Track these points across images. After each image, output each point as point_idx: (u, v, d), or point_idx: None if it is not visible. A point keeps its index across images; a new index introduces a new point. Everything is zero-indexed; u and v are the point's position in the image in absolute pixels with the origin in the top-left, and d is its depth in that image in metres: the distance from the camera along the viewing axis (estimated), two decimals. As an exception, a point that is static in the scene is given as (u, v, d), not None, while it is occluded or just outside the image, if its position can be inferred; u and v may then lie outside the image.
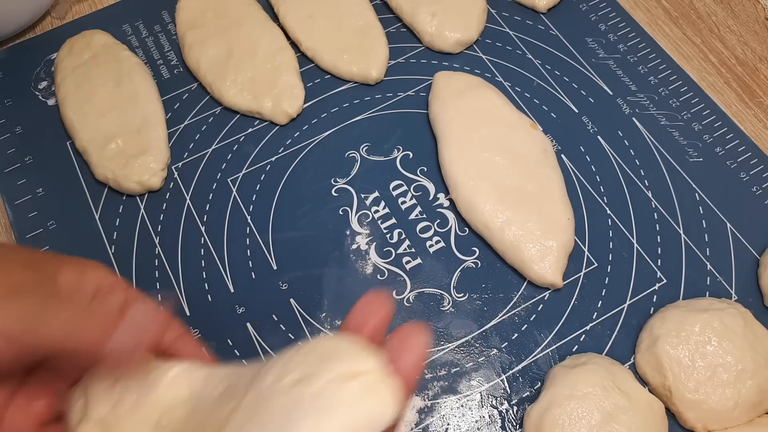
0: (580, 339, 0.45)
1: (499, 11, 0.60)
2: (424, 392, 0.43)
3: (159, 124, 0.53)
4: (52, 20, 0.62)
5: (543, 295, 0.47)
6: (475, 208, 0.48)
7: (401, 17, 0.59)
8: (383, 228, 0.49)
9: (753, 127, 0.53)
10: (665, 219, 0.49)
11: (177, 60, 0.58)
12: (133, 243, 0.50)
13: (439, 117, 0.52)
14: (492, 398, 0.43)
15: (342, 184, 0.52)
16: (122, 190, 0.51)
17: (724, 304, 0.43)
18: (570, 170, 0.51)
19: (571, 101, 0.55)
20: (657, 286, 0.47)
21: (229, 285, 0.48)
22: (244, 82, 0.54)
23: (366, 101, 0.55)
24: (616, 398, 0.40)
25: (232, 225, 0.50)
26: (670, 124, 0.53)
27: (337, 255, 0.48)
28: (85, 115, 0.53)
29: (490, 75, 0.56)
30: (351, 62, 0.55)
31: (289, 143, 0.54)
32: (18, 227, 0.50)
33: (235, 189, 0.52)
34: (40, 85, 0.57)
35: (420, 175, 0.52)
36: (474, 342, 0.45)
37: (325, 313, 0.46)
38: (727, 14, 0.59)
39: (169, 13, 0.61)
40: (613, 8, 0.59)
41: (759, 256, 0.47)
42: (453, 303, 0.46)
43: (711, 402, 0.40)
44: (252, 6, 0.59)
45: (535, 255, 0.46)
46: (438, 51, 0.57)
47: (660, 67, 0.56)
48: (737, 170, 0.51)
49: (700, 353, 0.41)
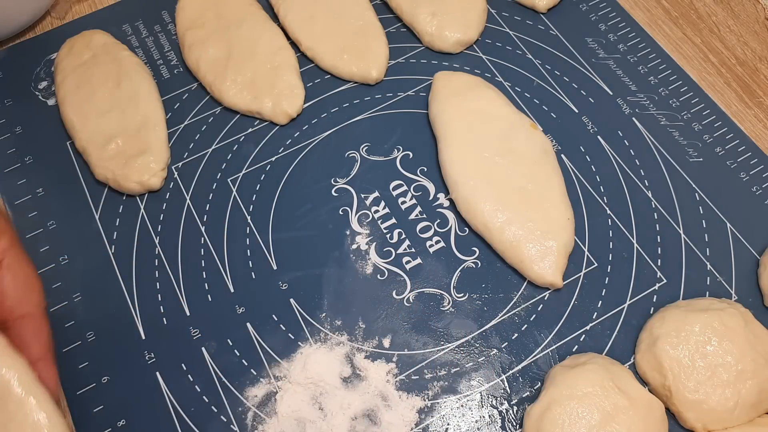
0: (580, 339, 0.45)
1: (499, 11, 0.60)
2: (424, 392, 0.43)
3: (159, 124, 0.53)
4: (52, 20, 0.62)
5: (543, 295, 0.47)
6: (474, 208, 0.48)
7: (401, 17, 0.59)
8: (383, 228, 0.49)
9: (753, 127, 0.53)
10: (665, 219, 0.49)
11: (177, 60, 0.58)
12: (133, 243, 0.50)
13: (438, 117, 0.52)
14: (492, 398, 0.43)
15: (342, 184, 0.52)
16: (122, 190, 0.51)
17: (724, 304, 0.43)
18: (570, 170, 0.51)
19: (571, 101, 0.55)
20: (657, 286, 0.47)
21: (229, 285, 0.48)
22: (244, 82, 0.54)
23: (366, 101, 0.55)
24: (616, 398, 0.40)
25: (232, 225, 0.50)
26: (670, 124, 0.53)
27: (337, 255, 0.48)
28: (85, 115, 0.53)
29: (490, 75, 0.56)
30: (351, 62, 0.55)
31: (289, 143, 0.54)
32: (18, 227, 0.50)
33: (235, 189, 0.52)
34: (40, 85, 0.57)
35: (420, 175, 0.52)
36: (474, 342, 0.45)
37: (325, 313, 0.46)
38: (727, 14, 0.59)
39: (169, 13, 0.61)
40: (613, 8, 0.59)
41: (759, 256, 0.47)
42: (453, 303, 0.46)
43: (711, 402, 0.40)
44: (252, 6, 0.59)
45: (535, 255, 0.46)
46: (438, 51, 0.57)
47: (660, 67, 0.56)
48: (737, 170, 0.51)
49: (700, 353, 0.41)
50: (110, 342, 0.46)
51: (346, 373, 0.44)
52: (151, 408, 0.43)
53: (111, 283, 0.48)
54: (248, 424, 0.43)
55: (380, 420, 0.42)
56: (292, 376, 0.44)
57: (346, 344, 0.45)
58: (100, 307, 0.47)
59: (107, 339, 0.46)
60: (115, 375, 0.45)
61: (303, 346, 0.45)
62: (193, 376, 0.44)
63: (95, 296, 0.47)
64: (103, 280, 0.48)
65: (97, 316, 0.47)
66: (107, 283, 0.48)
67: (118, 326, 0.46)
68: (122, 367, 0.45)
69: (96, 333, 0.46)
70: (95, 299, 0.47)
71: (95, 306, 0.47)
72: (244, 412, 0.43)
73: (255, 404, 0.43)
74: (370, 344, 0.45)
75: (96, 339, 0.46)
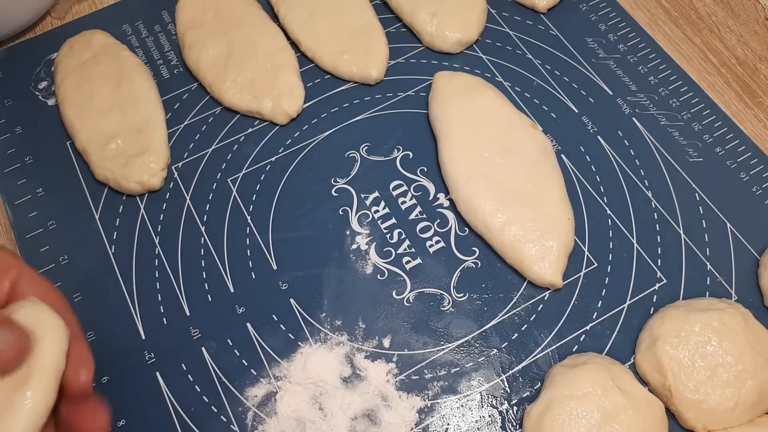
0: (580, 339, 0.45)
1: (499, 11, 0.60)
2: (424, 392, 0.43)
3: (159, 124, 0.53)
4: (52, 20, 0.62)
5: (543, 295, 0.47)
6: (474, 208, 0.48)
7: (401, 17, 0.59)
8: (383, 228, 0.49)
9: (753, 127, 0.53)
10: (665, 219, 0.49)
11: (177, 60, 0.58)
12: (133, 243, 0.50)
13: (439, 117, 0.52)
14: (492, 398, 0.43)
15: (342, 184, 0.52)
16: (122, 190, 0.51)
17: (724, 304, 0.43)
18: (570, 170, 0.51)
19: (571, 101, 0.55)
20: (657, 286, 0.47)
21: (229, 285, 0.48)
22: (244, 82, 0.54)
23: (366, 101, 0.55)
24: (616, 398, 0.40)
25: (232, 225, 0.50)
26: (670, 124, 0.53)
27: (337, 255, 0.48)
28: (85, 115, 0.53)
29: (490, 75, 0.56)
30: (351, 62, 0.55)
31: (289, 143, 0.54)
32: (18, 227, 0.50)
33: (235, 189, 0.52)
34: (40, 85, 0.57)
35: (420, 175, 0.52)
36: (474, 342, 0.45)
37: (325, 313, 0.46)
38: (727, 14, 0.59)
39: (169, 13, 0.61)
40: (613, 8, 0.59)
41: (759, 256, 0.47)
42: (453, 303, 0.46)
43: (711, 402, 0.40)
44: (252, 6, 0.59)
45: (535, 255, 0.46)
46: (438, 51, 0.57)
47: (660, 67, 0.56)
48: (737, 170, 0.51)
49: (700, 353, 0.41)
50: (110, 342, 0.46)
51: (346, 373, 0.44)
52: (151, 408, 0.43)
53: (111, 283, 0.48)
54: (248, 424, 0.43)
55: (380, 420, 0.42)
56: (292, 376, 0.44)
57: (346, 344, 0.45)
58: (100, 307, 0.47)
59: (107, 339, 0.46)
60: (115, 375, 0.45)
61: (303, 346, 0.45)
62: (193, 376, 0.44)
63: (95, 296, 0.47)
64: (103, 280, 0.48)
65: (97, 316, 0.47)
66: (107, 283, 0.48)
67: (118, 326, 0.46)
68: (122, 367, 0.45)
69: (96, 333, 0.46)
70: (95, 299, 0.47)
71: (95, 306, 0.47)
72: (244, 412, 0.43)
73: (255, 404, 0.43)
74: (370, 344, 0.45)
75: (96, 339, 0.46)
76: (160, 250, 0.49)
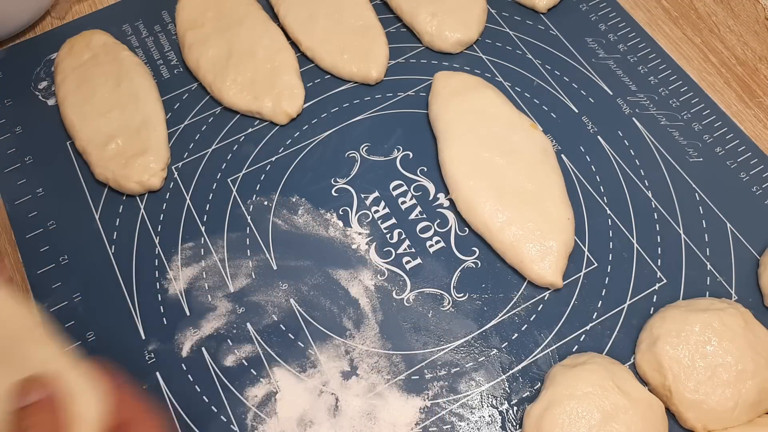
0: (580, 339, 0.45)
1: (499, 11, 0.60)
2: (424, 392, 0.43)
3: (159, 124, 0.53)
4: (52, 20, 0.62)
5: (543, 295, 0.47)
6: (475, 208, 0.48)
7: (401, 17, 0.59)
8: (383, 228, 0.49)
9: (753, 127, 0.53)
10: (665, 219, 0.49)
11: (177, 60, 0.58)
12: (133, 243, 0.50)
13: (439, 117, 0.52)
14: (492, 398, 0.43)
15: (342, 184, 0.52)
16: (122, 190, 0.51)
17: (724, 304, 0.43)
18: (570, 170, 0.51)
19: (571, 101, 0.55)
20: (657, 286, 0.47)
21: (229, 285, 0.48)
22: (244, 82, 0.54)
23: (366, 101, 0.55)
24: (616, 398, 0.40)
25: (232, 225, 0.50)
26: (670, 124, 0.53)
27: (337, 255, 0.48)
28: (85, 115, 0.53)
29: (490, 75, 0.56)
30: (351, 62, 0.55)
31: (289, 143, 0.54)
32: (18, 227, 0.50)
33: (235, 189, 0.52)
34: (40, 85, 0.57)
35: (420, 175, 0.52)
36: (474, 342, 0.45)
37: (325, 313, 0.46)
38: (727, 14, 0.59)
39: (169, 13, 0.61)
40: (613, 8, 0.59)
41: (759, 256, 0.47)
42: (453, 303, 0.46)
43: (711, 402, 0.40)
44: (252, 6, 0.59)
45: (535, 255, 0.46)
46: (438, 51, 0.57)
47: (660, 67, 0.56)
48: (737, 170, 0.51)
49: (700, 353, 0.41)
50: (110, 342, 0.46)
51: (346, 372, 0.44)
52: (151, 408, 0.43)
53: (111, 283, 0.48)
54: (248, 424, 0.43)
55: (380, 420, 0.42)
56: (292, 376, 0.44)
57: (346, 344, 0.45)
58: (100, 307, 0.47)
59: (107, 339, 0.46)
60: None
61: (303, 345, 0.45)
62: (193, 376, 0.44)
63: (95, 296, 0.47)
64: (103, 280, 0.48)
65: (97, 316, 0.47)
66: (107, 283, 0.48)
67: (118, 326, 0.46)
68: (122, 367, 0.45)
69: (96, 333, 0.46)
70: (95, 299, 0.47)
71: (95, 306, 0.47)
72: (244, 412, 0.43)
73: (255, 404, 0.43)
74: (370, 344, 0.45)
75: (96, 339, 0.46)
76: (160, 250, 0.49)
